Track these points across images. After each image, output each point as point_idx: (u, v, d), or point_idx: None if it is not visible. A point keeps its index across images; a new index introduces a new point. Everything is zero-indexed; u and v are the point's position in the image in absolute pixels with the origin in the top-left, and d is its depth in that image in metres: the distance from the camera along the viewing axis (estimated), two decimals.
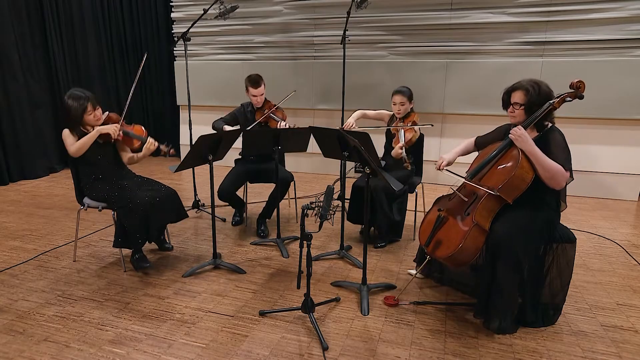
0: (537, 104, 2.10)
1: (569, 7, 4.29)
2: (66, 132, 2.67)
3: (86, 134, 2.68)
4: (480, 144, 2.47)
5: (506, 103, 2.24)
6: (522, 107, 2.14)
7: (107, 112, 2.85)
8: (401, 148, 2.88)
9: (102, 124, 2.75)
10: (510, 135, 2.12)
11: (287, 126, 3.21)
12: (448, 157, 2.41)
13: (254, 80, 3.33)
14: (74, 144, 2.63)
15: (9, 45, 4.81)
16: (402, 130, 3.03)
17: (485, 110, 4.64)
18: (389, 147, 3.31)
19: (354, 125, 3.21)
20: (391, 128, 3.17)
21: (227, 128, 3.35)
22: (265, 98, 3.45)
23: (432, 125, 3.22)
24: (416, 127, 3.08)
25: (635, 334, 2.13)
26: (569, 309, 2.33)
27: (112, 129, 2.70)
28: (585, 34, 4.31)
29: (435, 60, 4.80)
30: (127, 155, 2.91)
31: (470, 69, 4.69)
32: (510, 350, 1.99)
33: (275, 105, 3.43)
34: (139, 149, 2.85)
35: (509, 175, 2.04)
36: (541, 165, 2.02)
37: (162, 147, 2.88)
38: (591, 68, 4.29)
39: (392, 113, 3.29)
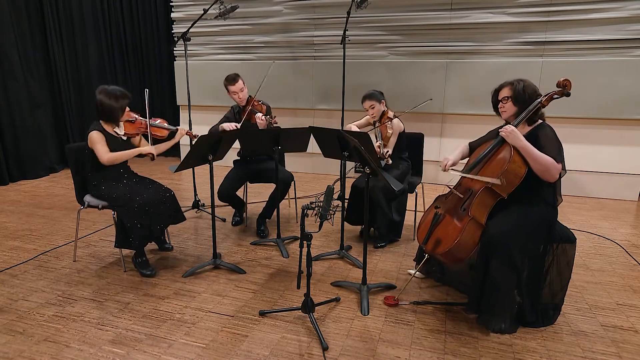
0: (523, 96, 2.16)
1: (569, 7, 4.29)
2: (97, 136, 2.62)
3: (110, 133, 2.70)
4: (473, 147, 2.50)
5: (495, 102, 2.33)
6: (510, 99, 2.21)
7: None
8: (378, 147, 2.94)
9: (127, 124, 2.81)
10: (501, 132, 2.16)
11: (263, 118, 3.16)
12: (453, 157, 2.41)
13: (230, 78, 3.30)
14: (108, 153, 2.62)
15: (9, 45, 4.81)
16: (379, 130, 3.10)
17: (485, 110, 4.59)
18: None
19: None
20: (372, 132, 3.16)
21: (225, 125, 3.29)
22: (250, 95, 3.41)
23: (432, 100, 3.24)
24: (392, 123, 3.11)
25: (635, 334, 2.13)
26: (569, 309, 2.33)
27: (154, 150, 2.75)
28: (585, 34, 4.31)
29: (435, 60, 4.80)
30: (148, 146, 2.91)
31: (470, 69, 4.69)
32: (510, 350, 1.99)
33: (256, 100, 3.36)
34: (167, 138, 2.92)
35: (502, 170, 2.06)
36: (533, 159, 2.05)
37: (189, 132, 3.06)
38: (591, 68, 4.29)
39: None
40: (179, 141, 3.02)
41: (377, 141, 3.03)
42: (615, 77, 4.24)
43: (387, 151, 2.99)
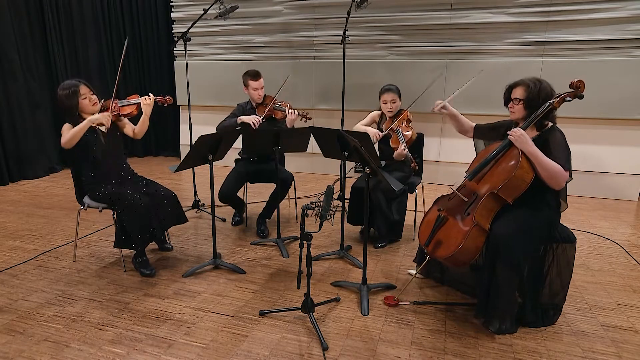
0: (536, 100, 2.10)
1: (569, 7, 4.29)
2: (65, 126, 2.62)
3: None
4: (478, 130, 2.49)
5: (507, 99, 2.25)
6: (522, 102, 2.14)
7: (102, 100, 2.81)
8: (404, 149, 2.89)
9: (100, 111, 2.73)
10: (509, 136, 2.11)
11: (296, 112, 3.20)
12: (450, 107, 2.41)
13: (254, 73, 3.32)
14: (64, 137, 2.58)
15: (9, 45, 4.81)
16: (400, 130, 3.03)
17: (485, 110, 4.64)
18: (383, 147, 3.30)
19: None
20: (388, 129, 3.14)
21: (246, 118, 3.25)
22: (269, 96, 3.44)
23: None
24: (410, 127, 3.09)
25: (635, 334, 2.14)
26: (569, 309, 2.33)
27: (105, 118, 2.62)
28: (585, 34, 4.31)
29: (435, 60, 4.80)
30: (132, 128, 2.89)
31: (470, 69, 4.68)
32: (510, 350, 1.99)
33: (274, 97, 3.39)
34: (140, 113, 2.85)
35: (509, 176, 2.03)
36: (541, 166, 2.01)
37: (159, 98, 2.94)
38: (591, 68, 4.29)
39: (380, 112, 3.30)
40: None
41: (401, 144, 2.96)
42: (615, 77, 4.23)
43: (416, 156, 2.93)
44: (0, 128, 4.84)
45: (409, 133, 3.04)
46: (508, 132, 2.14)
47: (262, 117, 3.28)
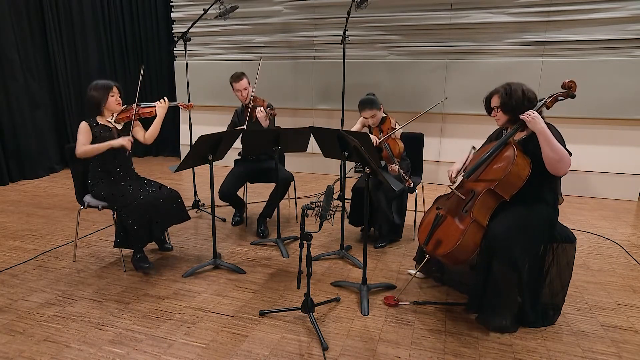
0: (510, 103, 2.15)
1: (569, 7, 4.29)
2: (82, 126, 2.70)
3: (103, 125, 2.75)
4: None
5: (488, 110, 2.32)
6: (499, 109, 2.21)
7: (125, 106, 2.88)
8: (397, 167, 2.83)
9: (120, 113, 2.82)
10: (522, 116, 2.09)
11: (263, 111, 3.15)
12: (457, 166, 2.42)
13: (235, 76, 3.34)
14: (84, 145, 2.68)
15: (9, 45, 4.81)
16: (387, 145, 2.92)
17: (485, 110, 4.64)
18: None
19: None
20: (379, 143, 2.99)
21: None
22: (255, 95, 3.39)
23: (447, 98, 3.20)
24: (397, 135, 3.02)
25: (635, 334, 2.13)
26: (569, 309, 2.33)
27: (127, 142, 2.72)
28: (585, 34, 4.31)
29: (435, 60, 4.80)
30: (143, 133, 2.92)
31: (470, 69, 4.69)
32: (510, 350, 1.99)
33: (261, 99, 3.36)
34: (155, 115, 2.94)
35: (505, 173, 2.06)
36: (551, 146, 1.99)
37: (181, 103, 3.10)
38: (591, 68, 4.29)
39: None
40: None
41: (394, 165, 2.87)
42: (615, 77, 4.23)
43: (408, 173, 2.87)
44: (0, 128, 4.84)
45: (395, 147, 2.94)
46: (520, 114, 2.11)
47: (245, 124, 3.25)
